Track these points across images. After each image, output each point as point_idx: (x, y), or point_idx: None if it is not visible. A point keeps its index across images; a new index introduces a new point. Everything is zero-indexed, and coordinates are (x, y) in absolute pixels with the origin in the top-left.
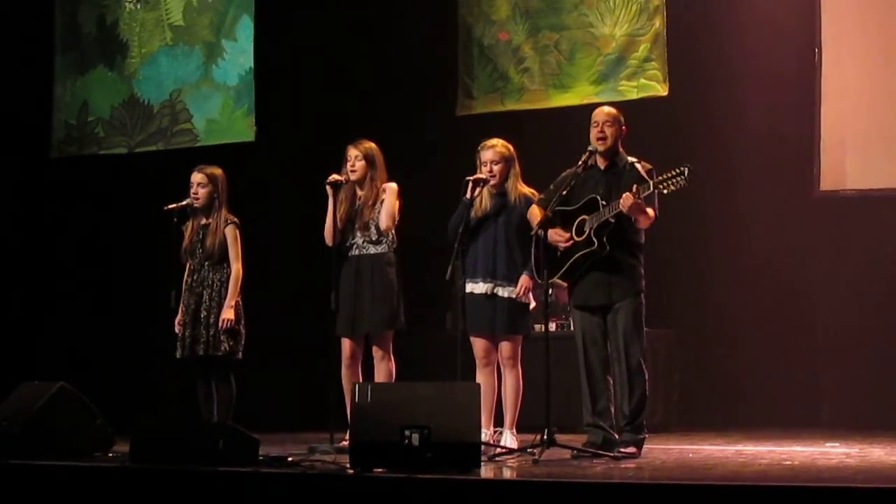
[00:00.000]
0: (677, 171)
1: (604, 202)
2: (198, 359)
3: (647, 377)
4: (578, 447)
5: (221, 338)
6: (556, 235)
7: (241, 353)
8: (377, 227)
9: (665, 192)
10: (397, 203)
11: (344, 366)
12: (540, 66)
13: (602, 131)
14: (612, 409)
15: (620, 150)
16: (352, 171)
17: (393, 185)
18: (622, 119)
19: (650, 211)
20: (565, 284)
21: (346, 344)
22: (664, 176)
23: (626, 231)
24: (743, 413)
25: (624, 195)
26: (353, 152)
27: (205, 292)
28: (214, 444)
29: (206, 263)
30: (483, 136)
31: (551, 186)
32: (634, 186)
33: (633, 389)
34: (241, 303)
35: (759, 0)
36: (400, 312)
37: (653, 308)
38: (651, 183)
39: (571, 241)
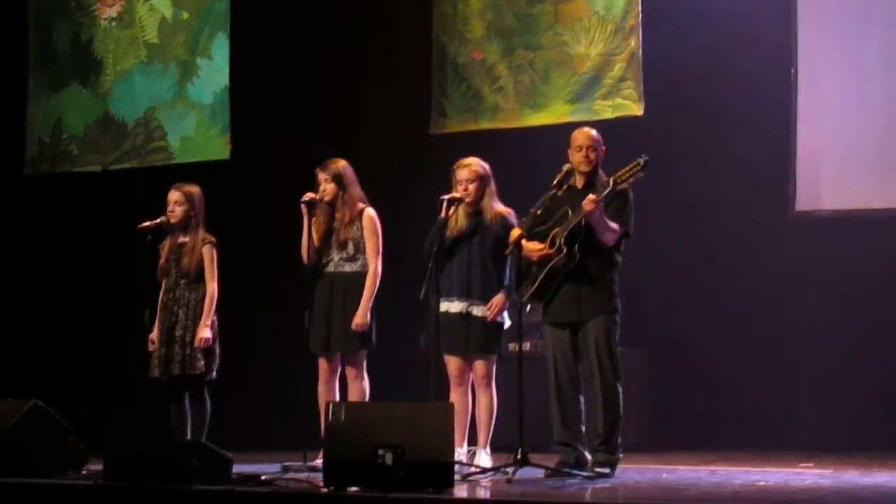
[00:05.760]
0: (634, 163)
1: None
2: (171, 377)
3: (620, 397)
4: (552, 467)
5: (197, 356)
6: (531, 246)
7: (215, 373)
8: (354, 245)
9: (624, 185)
10: (379, 239)
11: (321, 381)
12: (514, 85)
13: (587, 156)
14: (583, 429)
15: (600, 171)
16: (324, 192)
17: (371, 215)
18: (601, 140)
19: (614, 225)
20: (541, 303)
21: (322, 361)
22: (622, 171)
23: (601, 246)
24: (717, 433)
25: (587, 197)
26: (321, 176)
27: (180, 311)
28: (188, 462)
29: (182, 282)
30: (457, 154)
31: (532, 209)
32: (597, 188)
33: (607, 409)
34: (216, 322)
35: (734, 20)
36: (372, 333)
37: (626, 327)
38: (611, 180)
39: (544, 252)
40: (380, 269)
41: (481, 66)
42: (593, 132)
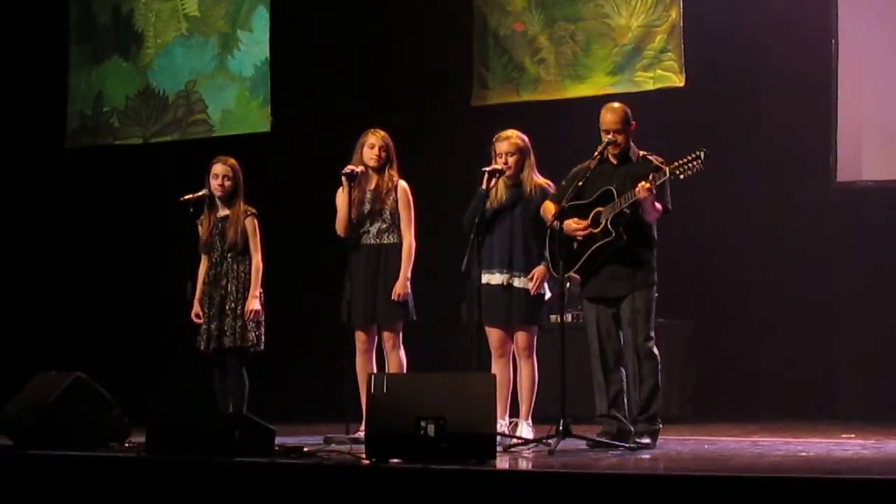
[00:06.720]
0: (693, 155)
1: (618, 193)
2: (221, 350)
3: (659, 367)
4: (594, 438)
5: (248, 328)
6: (574, 224)
7: (263, 345)
8: (391, 214)
9: (682, 177)
10: (412, 211)
11: (359, 352)
12: (555, 56)
13: (613, 139)
14: (626, 400)
15: (632, 145)
16: (374, 158)
17: (405, 187)
18: (630, 115)
19: (659, 205)
20: (579, 278)
21: (360, 332)
22: (680, 161)
23: (642, 223)
24: (759, 404)
25: (640, 183)
26: (375, 140)
27: (230, 284)
28: (230, 434)
29: (230, 255)
30: (498, 126)
31: (563, 182)
32: (651, 175)
33: (645, 379)
34: (262, 294)
35: None
36: (410, 303)
37: (668, 299)
38: (667, 169)
39: (588, 231)
40: (414, 241)
41: (522, 37)
42: (619, 112)
